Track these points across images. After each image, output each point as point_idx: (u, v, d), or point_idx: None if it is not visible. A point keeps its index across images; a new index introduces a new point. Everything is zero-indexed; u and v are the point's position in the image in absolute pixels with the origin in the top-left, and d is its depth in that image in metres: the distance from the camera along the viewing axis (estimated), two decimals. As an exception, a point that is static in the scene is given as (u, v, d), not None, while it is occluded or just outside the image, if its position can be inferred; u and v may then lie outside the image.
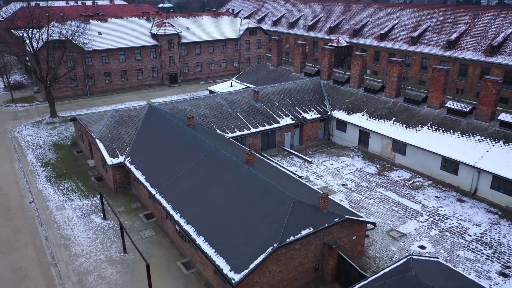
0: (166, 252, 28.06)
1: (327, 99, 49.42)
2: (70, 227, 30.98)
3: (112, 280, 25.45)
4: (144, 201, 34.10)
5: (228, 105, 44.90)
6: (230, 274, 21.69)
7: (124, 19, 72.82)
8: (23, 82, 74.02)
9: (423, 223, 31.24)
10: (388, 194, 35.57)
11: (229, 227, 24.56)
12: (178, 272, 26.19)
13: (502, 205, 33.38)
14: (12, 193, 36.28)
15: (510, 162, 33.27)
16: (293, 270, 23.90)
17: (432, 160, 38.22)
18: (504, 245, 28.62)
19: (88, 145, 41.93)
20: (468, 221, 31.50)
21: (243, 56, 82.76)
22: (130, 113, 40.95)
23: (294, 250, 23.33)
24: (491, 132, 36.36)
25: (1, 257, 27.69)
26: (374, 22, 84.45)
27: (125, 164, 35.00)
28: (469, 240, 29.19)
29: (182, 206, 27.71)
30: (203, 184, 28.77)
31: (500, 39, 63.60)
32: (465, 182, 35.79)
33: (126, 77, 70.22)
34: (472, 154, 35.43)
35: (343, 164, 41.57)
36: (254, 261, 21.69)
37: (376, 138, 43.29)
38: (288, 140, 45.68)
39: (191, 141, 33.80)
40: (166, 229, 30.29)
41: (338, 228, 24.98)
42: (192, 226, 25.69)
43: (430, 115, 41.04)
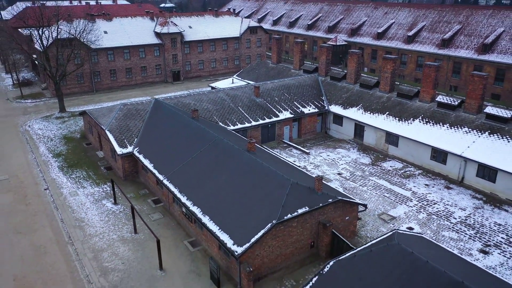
0: (173, 233, 30.37)
1: (324, 95, 51.72)
2: (83, 211, 33.30)
3: (125, 256, 27.77)
4: (152, 188, 36.42)
5: (230, 100, 47.19)
6: (233, 247, 24.00)
7: (128, 18, 75.16)
8: (31, 79, 76.30)
9: (412, 208, 33.54)
10: (381, 182, 37.87)
11: (232, 207, 26.87)
12: (185, 250, 28.51)
13: (487, 191, 35.69)
14: (27, 181, 38.60)
15: (494, 151, 35.57)
16: (291, 246, 26.21)
17: (423, 150, 40.52)
18: (486, 227, 30.91)
19: (97, 137, 44.24)
20: (454, 206, 33.80)
21: (244, 55, 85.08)
22: (137, 107, 43.26)
23: (291, 227, 25.63)
24: (477, 124, 38.65)
25: (22, 237, 30.00)
26: (372, 22, 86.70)
27: (134, 154, 37.31)
28: (454, 222, 31.49)
29: (188, 190, 30.01)
30: (207, 170, 31.08)
31: (492, 37, 65.81)
32: (453, 171, 38.09)
33: (130, 74, 72.54)
34: (459, 144, 37.73)
35: (339, 155, 43.87)
36: (254, 236, 23.99)
37: (371, 131, 45.59)
38: (287, 133, 47.97)
39: (195, 132, 36.10)
40: (173, 213, 32.60)
41: (332, 208, 27.29)
42: (198, 207, 28.00)
43: (422, 108, 43.33)
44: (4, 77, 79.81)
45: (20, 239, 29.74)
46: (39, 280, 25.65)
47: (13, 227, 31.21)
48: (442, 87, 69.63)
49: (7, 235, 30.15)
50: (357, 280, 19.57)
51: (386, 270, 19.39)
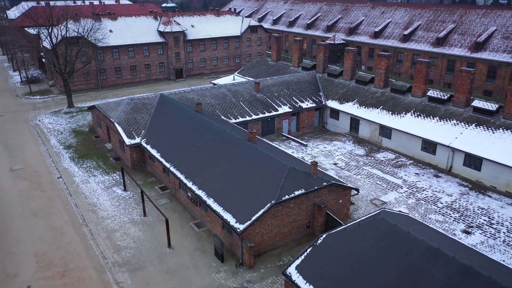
0: (179, 216, 32.74)
1: (322, 90, 54.07)
2: (95, 196, 35.68)
3: (136, 236, 30.15)
4: (158, 176, 38.78)
5: (231, 95, 49.56)
6: (236, 225, 26.38)
7: (133, 17, 77.57)
8: (38, 77, 78.66)
9: (402, 194, 35.91)
10: (374, 171, 40.24)
11: (234, 190, 29.24)
12: (191, 230, 30.88)
13: (473, 179, 38.05)
14: (41, 170, 40.99)
15: (480, 142, 37.92)
16: (288, 226, 28.58)
17: (414, 142, 42.88)
18: (470, 211, 33.27)
19: (106, 130, 46.62)
20: (441, 192, 36.17)
21: (245, 53, 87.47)
22: (143, 101, 45.64)
23: (288, 208, 28.00)
24: (465, 117, 41.00)
25: (40, 220, 32.37)
26: (369, 21, 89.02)
27: (142, 144, 39.69)
28: (440, 207, 33.86)
29: (193, 176, 32.38)
30: (211, 158, 33.45)
31: (484, 36, 68.11)
32: (442, 160, 40.46)
33: (135, 72, 74.94)
34: (448, 136, 40.08)
35: (335, 147, 46.23)
36: (255, 214, 26.38)
37: (365, 124, 47.94)
38: (286, 127, 50.33)
39: (199, 124, 38.47)
40: (179, 198, 34.96)
41: (326, 191, 29.65)
42: (203, 191, 30.37)
43: (414, 103, 45.68)
44: (12, 75, 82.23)
45: (38, 221, 32.11)
46: (58, 257, 28.02)
47: (31, 210, 33.59)
48: (437, 84, 71.88)
49: (26, 218, 32.53)
50: (347, 249, 21.93)
51: (372, 240, 21.75)
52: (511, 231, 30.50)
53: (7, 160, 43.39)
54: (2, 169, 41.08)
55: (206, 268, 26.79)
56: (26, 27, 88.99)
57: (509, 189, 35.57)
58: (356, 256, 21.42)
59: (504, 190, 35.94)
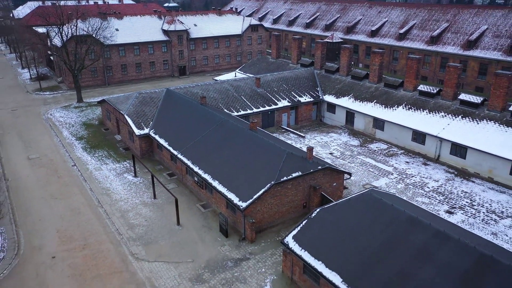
0: (187, 198, 35.59)
1: (319, 86, 56.91)
2: (108, 182, 38.55)
3: (147, 215, 33.02)
4: (166, 164, 41.64)
5: (233, 90, 52.41)
6: (239, 203, 29.24)
7: (138, 16, 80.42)
8: (46, 74, 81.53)
9: (392, 180, 38.77)
10: (367, 160, 43.09)
11: (237, 173, 32.08)
12: (197, 211, 33.75)
13: (458, 167, 40.91)
14: (56, 159, 43.87)
15: (466, 132, 40.77)
16: (286, 205, 31.43)
17: (405, 133, 45.73)
18: (453, 194, 36.12)
19: (115, 122, 49.48)
20: (429, 178, 39.03)
21: (246, 51, 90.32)
22: (151, 95, 48.48)
23: (286, 188, 30.85)
24: (452, 109, 43.86)
25: (59, 202, 35.23)
26: (366, 20, 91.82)
27: (150, 134, 42.55)
28: (427, 191, 36.72)
29: (199, 162, 35.23)
30: (215, 146, 36.30)
31: (476, 34, 70.90)
32: (431, 150, 43.31)
33: (140, 69, 77.82)
34: (436, 127, 42.93)
35: (332, 139, 49.09)
36: (256, 193, 29.23)
37: (360, 117, 50.78)
38: (285, 120, 53.17)
39: (204, 115, 41.33)
40: (186, 183, 37.83)
41: (321, 174, 32.50)
42: (209, 175, 33.23)
43: (405, 97, 48.52)
44: (21, 72, 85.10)
45: (57, 203, 34.97)
46: (77, 233, 30.88)
47: (50, 194, 36.46)
48: (431, 81, 74.64)
49: (46, 200, 35.39)
50: (337, 221, 24.80)
51: (360, 212, 24.63)
52: (490, 211, 33.36)
53: (23, 150, 46.24)
54: (20, 158, 43.95)
55: (212, 242, 29.66)
56: (34, 26, 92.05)
57: (491, 175, 38.42)
58: (345, 226, 24.29)
59: (486, 176, 38.79)
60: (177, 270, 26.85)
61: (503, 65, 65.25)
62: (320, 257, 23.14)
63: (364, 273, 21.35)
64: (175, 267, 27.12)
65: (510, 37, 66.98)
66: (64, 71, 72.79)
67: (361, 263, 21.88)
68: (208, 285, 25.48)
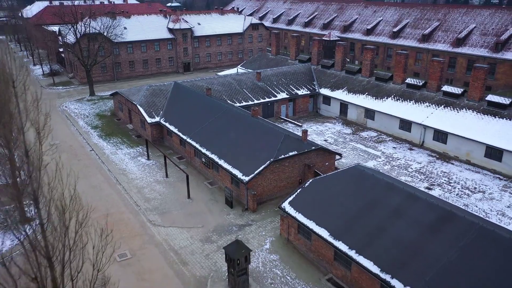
0: (195, 177, 39.85)
1: (315, 80, 61.17)
2: (124, 164, 42.84)
3: (161, 191, 37.31)
4: (175, 149, 45.90)
5: (236, 83, 56.66)
6: (243, 177, 33.50)
7: (145, 15, 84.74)
8: (57, 70, 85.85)
9: (380, 162, 43.02)
10: (358, 146, 47.35)
11: (241, 153, 36.33)
12: (205, 187, 38.03)
13: (440, 151, 45.17)
14: (75, 145, 48.17)
15: (447, 120, 45.02)
16: (284, 181, 35.67)
17: (393, 122, 49.96)
18: (433, 174, 40.38)
19: (128, 112, 53.75)
20: (413, 161, 43.29)
21: (247, 49, 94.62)
22: (160, 87, 52.77)
23: (284, 166, 35.10)
24: (436, 100, 48.09)
25: (81, 180, 39.25)
26: (362, 19, 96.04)
27: (161, 122, 46.82)
28: (410, 171, 40.97)
29: (207, 144, 39.49)
30: (221, 130, 40.56)
31: (465, 32, 75.08)
32: (416, 136, 47.56)
33: (147, 65, 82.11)
34: (421, 115, 47.16)
35: (326, 128, 53.36)
36: (257, 169, 33.48)
37: (353, 108, 55.03)
38: (284, 111, 57.43)
39: (209, 104, 45.60)
40: (194, 164, 42.10)
41: (315, 154, 36.75)
42: (215, 155, 37.49)
43: (394, 89, 52.76)
44: (33, 69, 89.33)
45: (80, 181, 39.00)
46: (100, 205, 35.15)
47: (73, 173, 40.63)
48: (422, 76, 78.73)
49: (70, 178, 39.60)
50: (326, 189, 29.05)
51: (345, 181, 28.91)
52: (464, 187, 37.62)
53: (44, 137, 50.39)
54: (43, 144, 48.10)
55: (219, 212, 33.94)
56: (45, 25, 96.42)
57: (469, 157, 42.68)
58: (333, 192, 28.56)
59: (464, 159, 43.06)
60: (189, 233, 31.14)
61: (489, 61, 69.38)
62: (311, 217, 27.38)
63: (347, 228, 25.60)
64: (187, 231, 31.41)
65: (496, 35, 71.16)
66: (75, 67, 77.05)
67: (345, 220, 26.13)
68: (216, 245, 29.76)
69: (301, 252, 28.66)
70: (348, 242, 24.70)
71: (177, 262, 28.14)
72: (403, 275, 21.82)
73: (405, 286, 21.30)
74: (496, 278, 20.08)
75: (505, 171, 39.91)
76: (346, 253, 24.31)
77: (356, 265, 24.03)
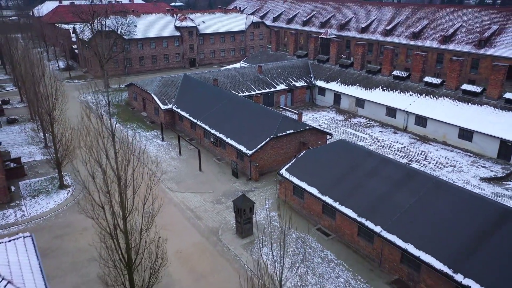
0: (205, 155, 45.66)
1: (312, 73, 67.00)
2: (142, 144, 48.70)
3: (176, 165, 43.17)
4: (186, 132, 51.75)
5: (239, 75, 62.51)
6: (247, 151, 39.34)
7: (153, 14, 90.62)
8: (72, 65, 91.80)
9: (366, 143, 48.82)
10: (348, 130, 53.18)
11: (245, 132, 42.15)
12: (214, 163, 43.89)
13: (421, 134, 51.01)
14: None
15: (427, 107, 50.81)
16: (282, 155, 41.49)
17: (380, 109, 55.78)
18: (413, 152, 46.20)
19: (142, 101, 59.62)
20: (396, 142, 49.11)
21: (248, 46, 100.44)
22: (171, 79, 58.65)
23: (282, 142, 40.93)
24: (418, 89, 53.91)
25: (105, 156, 45.35)
26: (357, 18, 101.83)
27: (173, 109, 52.67)
28: (393, 150, 46.79)
29: (215, 126, 45.32)
30: (227, 114, 46.38)
31: (451, 30, 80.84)
32: (400, 121, 53.39)
33: (155, 61, 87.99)
34: (405, 103, 52.98)
35: (321, 115, 59.21)
36: (259, 144, 39.31)
37: (345, 98, 60.86)
38: (283, 101, 63.26)
39: (216, 93, 51.42)
40: (203, 144, 47.95)
41: (308, 133, 42.58)
42: (223, 134, 43.32)
43: (382, 80, 58.59)
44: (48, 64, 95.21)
45: (104, 157, 45.03)
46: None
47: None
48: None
49: (96, 155, 45.49)
50: (317, 158, 34.88)
51: (333, 151, 34.75)
52: (438, 163, 43.44)
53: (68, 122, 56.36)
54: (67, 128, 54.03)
55: (226, 181, 39.80)
56: (56, 23, 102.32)
57: (445, 139, 48.51)
58: (322, 160, 34.40)
59: (441, 140, 48.88)
60: (202, 197, 37.01)
61: (473, 57, 75.23)
62: (304, 180, 33.20)
63: (332, 186, 31.42)
64: (200, 195, 37.28)
65: (480, 33, 76.93)
66: (89, 62, 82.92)
67: (331, 181, 31.95)
68: (225, 205, 35.61)
69: (296, 210, 34.49)
70: (333, 196, 30.54)
71: (193, 217, 34.01)
72: (375, 218, 27.65)
73: (375, 225, 27.14)
74: (446, 216, 25.89)
75: (475, 149, 45.75)
76: (331, 205, 30.15)
77: (339, 214, 29.88)
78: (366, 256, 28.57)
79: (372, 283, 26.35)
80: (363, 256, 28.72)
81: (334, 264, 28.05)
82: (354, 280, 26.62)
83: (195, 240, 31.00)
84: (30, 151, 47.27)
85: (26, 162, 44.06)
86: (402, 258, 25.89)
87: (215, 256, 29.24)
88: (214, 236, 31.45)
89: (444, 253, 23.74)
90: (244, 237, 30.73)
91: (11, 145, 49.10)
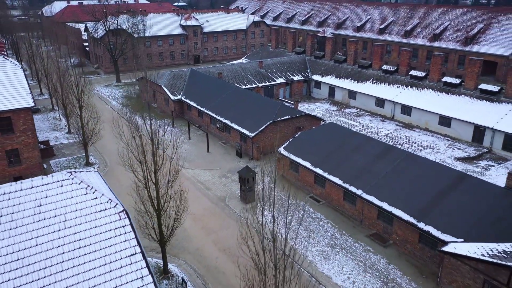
0: (211, 140, 51.09)
1: (309, 68, 72.42)
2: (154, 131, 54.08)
3: (186, 148, 48.63)
4: (194, 120, 57.21)
5: (242, 70, 67.94)
6: (249, 133, 44.79)
7: (160, 14, 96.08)
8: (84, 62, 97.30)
9: (357, 130, 54.16)
10: (341, 119, 58.61)
11: (247, 117, 47.58)
12: (220, 146, 49.35)
13: (406, 122, 56.45)
14: (113, 117, 59.42)
15: (412, 97, 56.24)
16: (280, 139, 46.87)
17: (370, 100, 61.21)
18: (398, 137, 51.62)
19: (152, 93, 65.05)
20: (383, 129, 54.55)
21: (250, 44, 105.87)
22: (179, 73, 64.12)
23: (280, 126, 46.35)
24: (405, 82, 59.34)
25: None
26: (353, 17, 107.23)
27: (182, 99, 58.12)
28: (380, 135, 52.21)
29: (220, 113, 50.75)
30: (231, 103, 51.82)
31: (440, 29, 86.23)
32: (388, 111, 58.82)
33: (162, 58, 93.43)
34: (392, 94, 58.40)
35: (317, 106, 64.65)
36: (260, 128, 44.74)
37: (339, 91, 66.29)
38: (282, 93, 68.68)
39: (221, 85, 56.86)
40: (210, 130, 53.39)
41: (304, 119, 47.99)
42: (228, 120, 48.77)
43: (372, 74, 64.01)
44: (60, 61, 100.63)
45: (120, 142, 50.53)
46: (141, 156, 46.40)
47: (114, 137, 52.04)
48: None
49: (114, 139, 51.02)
50: (311, 137, 40.32)
51: (324, 132, 40.20)
52: (419, 146, 48.87)
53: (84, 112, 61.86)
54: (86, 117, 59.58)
55: (231, 160, 45.25)
56: (67, 22, 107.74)
57: (427, 126, 53.93)
58: (315, 139, 39.82)
59: (424, 127, 54.31)
60: (210, 173, 42.48)
61: (460, 54, 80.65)
62: (299, 156, 38.64)
63: (323, 160, 36.84)
64: (209, 171, 42.76)
65: (466, 31, 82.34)
66: (100, 59, 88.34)
67: (322, 156, 37.39)
68: (231, 179, 41.06)
69: (292, 182, 39.91)
70: (323, 168, 35.96)
71: (203, 188, 39.50)
72: (357, 183, 33.07)
73: (357, 189, 32.58)
74: (414, 180, 31.31)
75: (453, 134, 51.18)
76: (322, 175, 35.58)
77: (328, 182, 35.31)
78: (350, 216, 34.03)
79: (354, 236, 31.81)
80: (347, 217, 34.19)
81: (323, 223, 33.52)
82: (340, 234, 32.08)
83: (205, 206, 36.49)
84: (56, 136, 52.80)
85: (53, 145, 49.51)
86: (378, 214, 31.33)
87: (223, 217, 34.73)
88: (222, 202, 36.94)
89: (411, 208, 29.17)
90: (247, 202, 36.19)
91: (38, 131, 54.50)
